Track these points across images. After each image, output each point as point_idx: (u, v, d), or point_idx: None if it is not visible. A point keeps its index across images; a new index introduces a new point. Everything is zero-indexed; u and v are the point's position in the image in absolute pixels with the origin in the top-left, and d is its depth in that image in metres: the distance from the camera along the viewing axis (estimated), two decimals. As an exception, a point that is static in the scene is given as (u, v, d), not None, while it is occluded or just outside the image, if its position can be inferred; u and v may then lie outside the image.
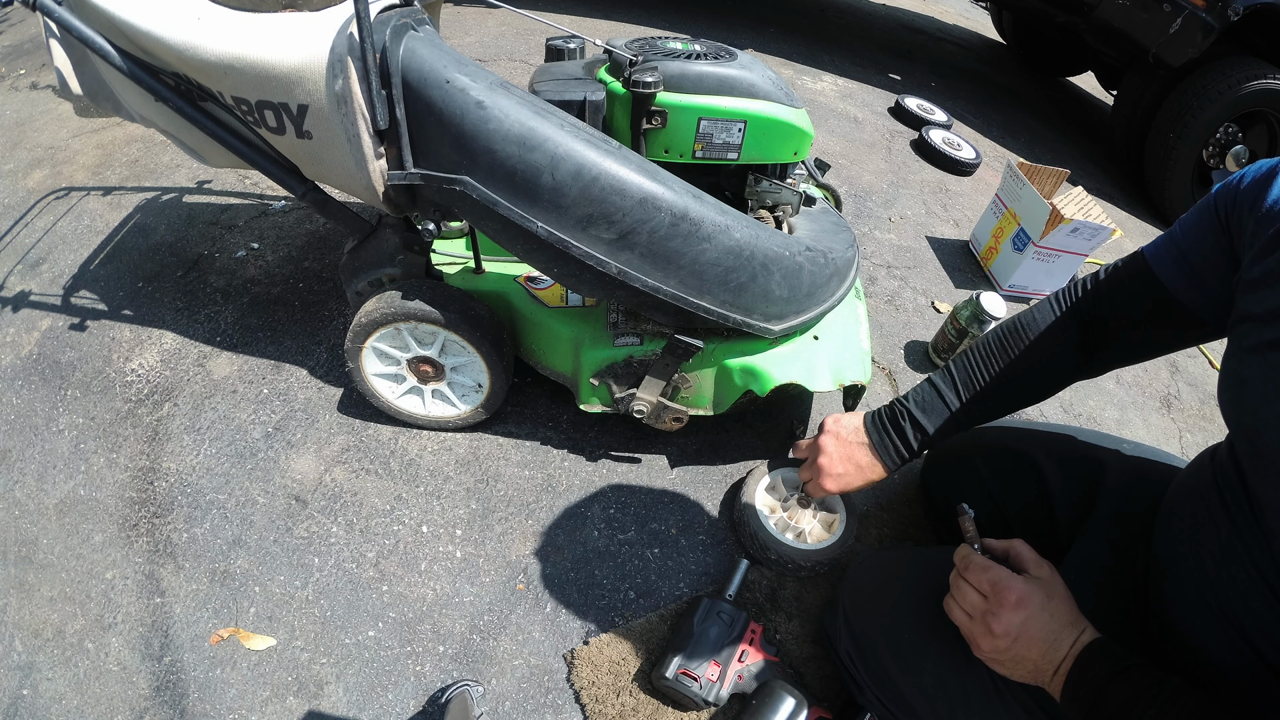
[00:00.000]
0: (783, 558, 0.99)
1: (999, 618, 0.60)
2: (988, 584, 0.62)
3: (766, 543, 0.99)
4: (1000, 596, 0.60)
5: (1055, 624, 0.59)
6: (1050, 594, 0.61)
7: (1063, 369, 0.81)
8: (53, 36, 0.89)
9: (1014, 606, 0.59)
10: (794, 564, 0.99)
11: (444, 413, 1.13)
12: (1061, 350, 0.79)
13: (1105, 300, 0.77)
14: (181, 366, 1.22)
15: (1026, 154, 2.58)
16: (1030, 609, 0.59)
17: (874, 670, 0.78)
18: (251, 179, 1.66)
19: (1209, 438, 1.53)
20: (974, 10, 4.55)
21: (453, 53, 0.79)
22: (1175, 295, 0.68)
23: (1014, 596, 0.60)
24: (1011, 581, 0.61)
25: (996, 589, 0.61)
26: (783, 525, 1.03)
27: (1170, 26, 2.10)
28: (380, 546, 1.01)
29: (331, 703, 0.87)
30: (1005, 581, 0.61)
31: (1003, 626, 0.59)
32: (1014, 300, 1.74)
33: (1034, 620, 0.59)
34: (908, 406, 0.85)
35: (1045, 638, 0.59)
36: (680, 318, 0.93)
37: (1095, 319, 0.78)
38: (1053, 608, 0.60)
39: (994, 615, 0.60)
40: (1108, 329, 0.77)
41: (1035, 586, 0.61)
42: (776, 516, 1.04)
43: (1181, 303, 0.67)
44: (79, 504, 1.03)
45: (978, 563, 0.64)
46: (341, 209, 0.98)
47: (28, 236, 1.45)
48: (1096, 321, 0.77)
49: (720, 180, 1.07)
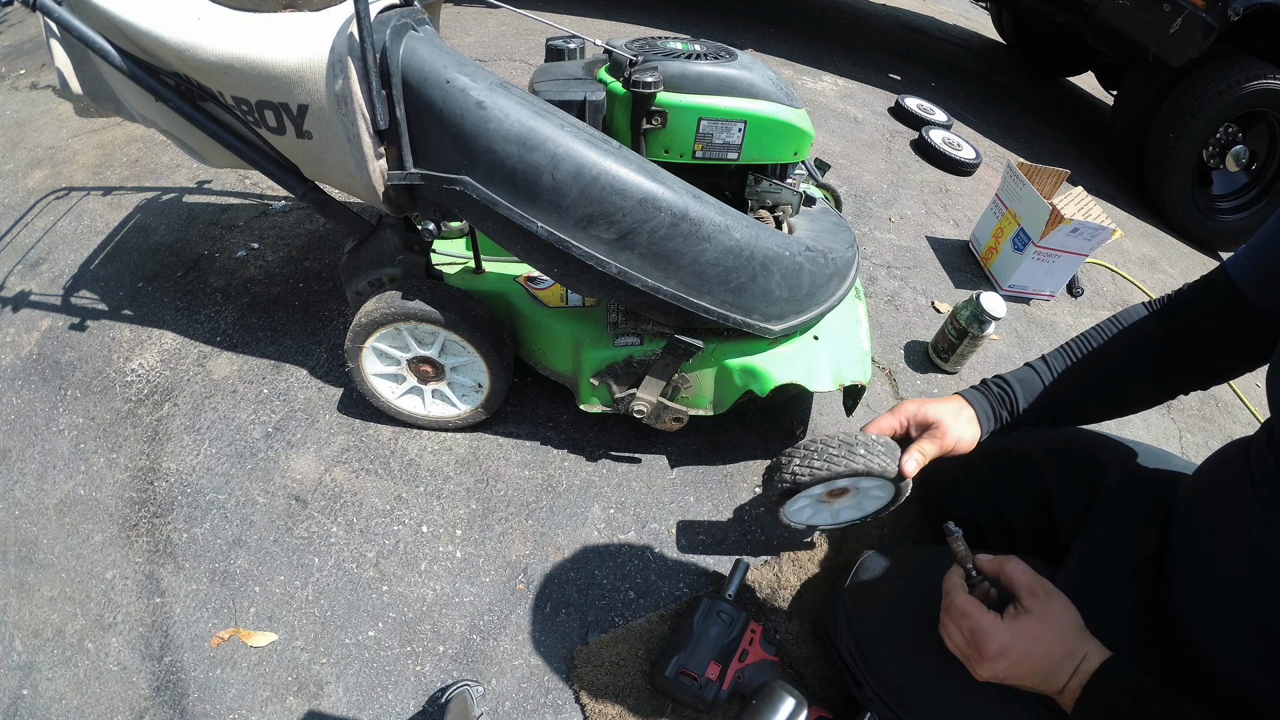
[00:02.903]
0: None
1: (981, 666, 0.59)
2: (966, 631, 0.60)
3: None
4: (979, 648, 0.58)
5: (1048, 660, 0.57)
6: (1041, 627, 0.58)
7: (1139, 371, 0.80)
8: (53, 36, 0.89)
9: (993, 658, 0.57)
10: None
11: (444, 413, 1.13)
12: (1141, 348, 0.79)
13: (1184, 300, 0.78)
14: (181, 366, 1.22)
15: (1026, 154, 2.58)
16: (1012, 657, 0.57)
17: (876, 669, 0.78)
18: (251, 179, 1.66)
19: (1209, 438, 1.53)
20: (974, 10, 4.55)
21: (453, 53, 0.79)
22: (1244, 293, 0.69)
23: (992, 649, 0.57)
24: (991, 632, 0.58)
25: (976, 640, 0.59)
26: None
27: (1170, 26, 2.10)
28: (380, 546, 1.01)
29: (331, 703, 0.87)
30: (984, 632, 0.58)
31: (986, 674, 0.59)
32: (1014, 300, 1.74)
33: (1020, 664, 0.57)
34: (1005, 377, 0.85)
35: (1039, 671, 0.57)
36: (680, 318, 0.93)
37: (1175, 321, 0.78)
38: (1045, 642, 0.57)
39: (976, 663, 0.59)
40: (1187, 330, 0.77)
41: (1022, 628, 0.58)
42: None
43: (1250, 301, 0.69)
44: (79, 504, 1.03)
45: (959, 606, 0.61)
46: (341, 209, 0.98)
47: (28, 236, 1.45)
48: (1177, 323, 0.78)
49: (720, 180, 1.07)
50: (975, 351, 1.42)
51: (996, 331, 1.59)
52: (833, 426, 1.29)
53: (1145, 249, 2.24)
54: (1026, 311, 1.73)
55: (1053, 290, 1.76)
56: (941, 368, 1.46)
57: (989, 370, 1.51)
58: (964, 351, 1.41)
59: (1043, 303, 1.77)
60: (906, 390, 1.41)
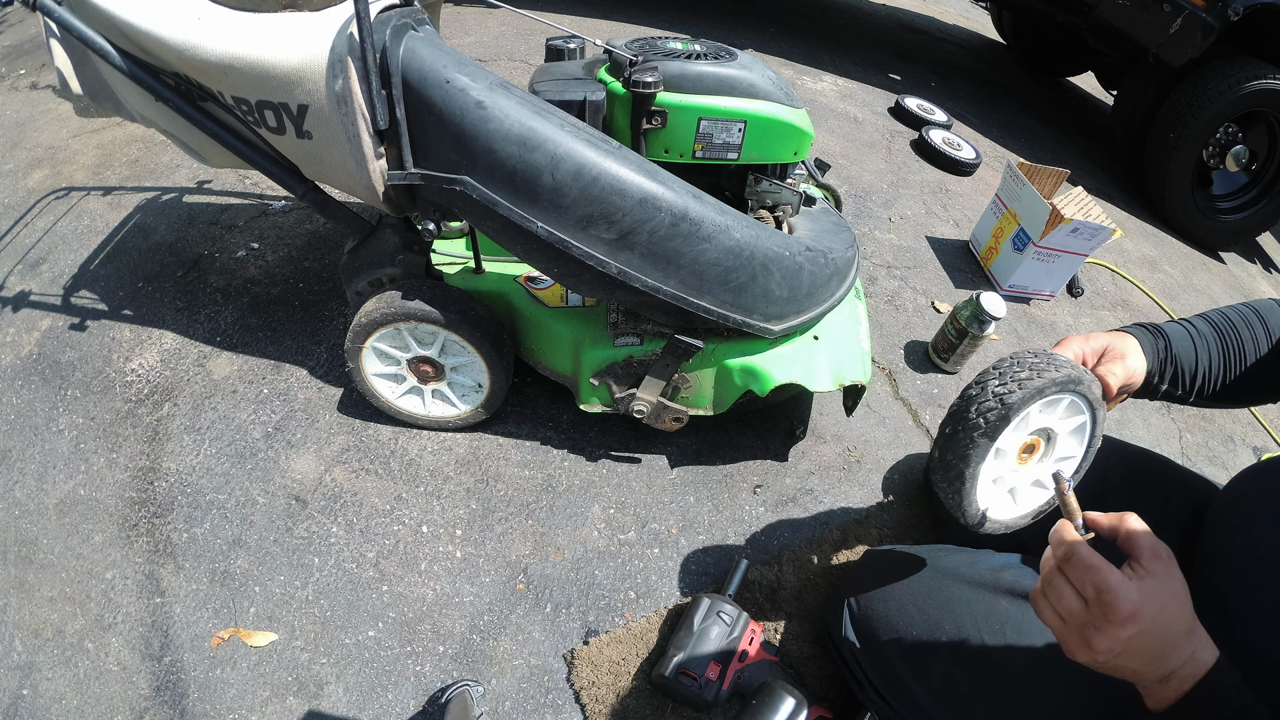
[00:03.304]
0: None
1: (1103, 634, 0.48)
2: (1091, 589, 0.49)
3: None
4: (1107, 609, 0.48)
5: (1168, 635, 0.49)
6: (1167, 595, 0.49)
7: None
8: (53, 36, 0.89)
9: (1123, 623, 0.47)
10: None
11: (444, 413, 1.13)
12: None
13: None
14: (181, 366, 1.22)
15: (1026, 154, 2.58)
16: (1141, 623, 0.47)
17: (881, 668, 0.78)
18: (251, 179, 1.66)
19: (1209, 438, 1.53)
20: (974, 10, 4.55)
21: (453, 53, 0.79)
22: None
23: (1125, 609, 0.47)
24: (1123, 591, 0.48)
25: (1103, 599, 0.48)
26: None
27: (1170, 26, 2.10)
28: (380, 546, 1.01)
29: (331, 703, 0.87)
30: (1115, 590, 0.48)
31: (1105, 645, 0.48)
32: (1014, 300, 1.74)
33: (1144, 635, 0.48)
34: (1160, 326, 0.77)
35: (1155, 650, 0.49)
36: (680, 318, 0.93)
37: None
38: (1169, 614, 0.49)
39: (1097, 630, 0.48)
40: None
41: (1150, 591, 0.48)
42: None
43: None
44: (79, 504, 1.03)
45: (1083, 558, 0.50)
46: (341, 209, 0.98)
47: (28, 236, 1.45)
48: None
49: (720, 180, 1.07)
50: (975, 351, 1.43)
51: (996, 331, 1.59)
52: (833, 427, 1.29)
53: (1145, 249, 2.24)
54: (1026, 311, 1.73)
55: (1053, 290, 1.76)
56: (941, 368, 1.46)
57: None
58: (964, 351, 1.41)
59: (1043, 303, 1.77)
60: (906, 390, 1.41)
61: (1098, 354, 0.71)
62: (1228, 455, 1.52)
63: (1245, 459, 1.53)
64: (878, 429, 1.31)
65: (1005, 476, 0.73)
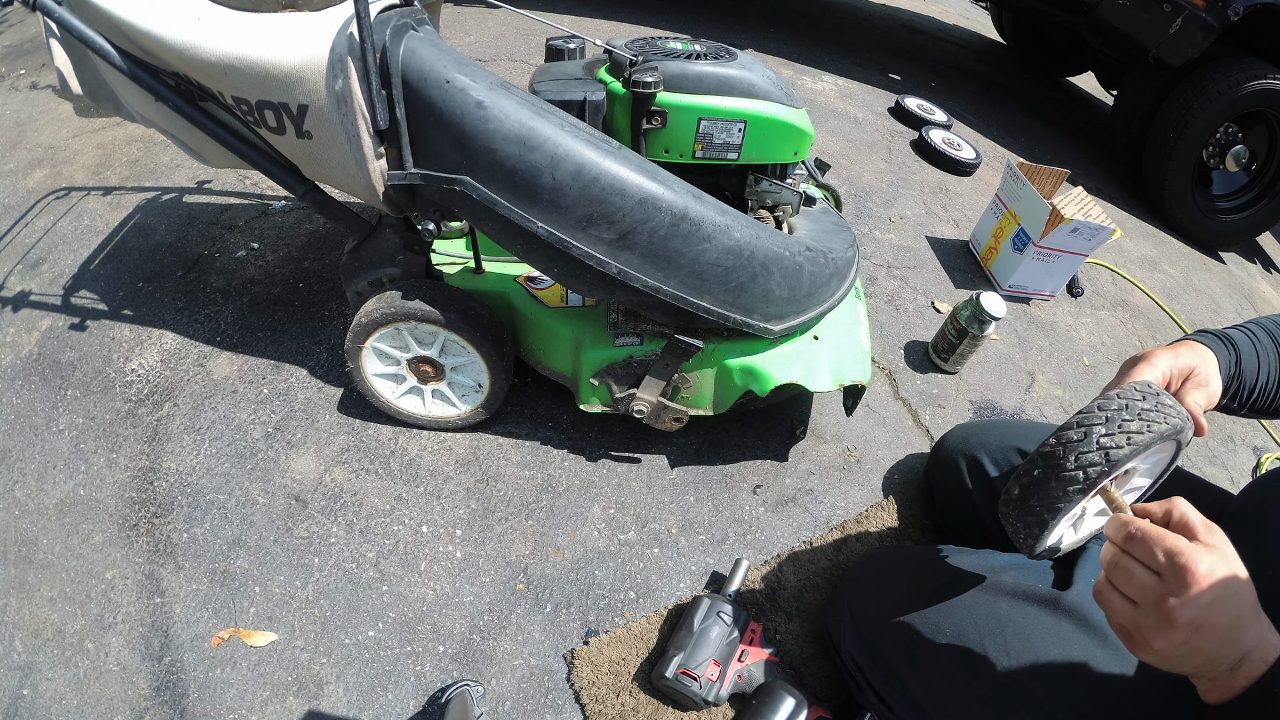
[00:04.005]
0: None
1: (1184, 601, 0.46)
2: (1163, 555, 0.47)
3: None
4: (1182, 573, 0.46)
5: (1242, 607, 0.47)
6: (1236, 564, 0.47)
7: None
8: (53, 36, 0.89)
9: (1202, 582, 0.45)
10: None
11: (444, 413, 1.13)
12: None
13: None
14: (181, 366, 1.22)
15: (1026, 154, 2.58)
16: (1218, 589, 0.46)
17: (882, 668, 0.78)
18: (251, 179, 1.66)
19: (1209, 438, 1.53)
20: (974, 10, 4.55)
21: (453, 53, 0.79)
22: None
23: (1203, 569, 0.45)
24: (1196, 550, 0.46)
25: (1176, 562, 0.46)
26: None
27: (1170, 26, 2.10)
28: (380, 546, 1.01)
29: (331, 703, 0.87)
30: (1189, 551, 0.46)
31: (1188, 613, 0.46)
32: (1014, 300, 1.74)
33: (1221, 603, 0.46)
34: (1230, 335, 0.72)
35: (1229, 624, 0.46)
36: (680, 318, 0.93)
37: None
38: (1240, 583, 0.47)
39: (1176, 598, 0.46)
40: None
41: (1219, 560, 0.47)
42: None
43: None
44: (79, 504, 1.03)
45: (1148, 530, 0.49)
46: (341, 209, 0.98)
47: (28, 236, 1.45)
48: None
49: (720, 180, 1.07)
50: (975, 351, 1.43)
51: (996, 331, 1.59)
52: (833, 427, 1.29)
53: (1145, 249, 2.24)
54: (1026, 311, 1.73)
55: (1053, 290, 1.76)
56: (941, 368, 1.46)
57: (989, 370, 1.51)
58: (964, 351, 1.41)
59: (1043, 303, 1.77)
60: (906, 390, 1.41)
61: (1183, 375, 0.66)
62: (1228, 455, 1.52)
63: (1245, 459, 1.53)
64: (878, 429, 1.31)
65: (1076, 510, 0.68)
